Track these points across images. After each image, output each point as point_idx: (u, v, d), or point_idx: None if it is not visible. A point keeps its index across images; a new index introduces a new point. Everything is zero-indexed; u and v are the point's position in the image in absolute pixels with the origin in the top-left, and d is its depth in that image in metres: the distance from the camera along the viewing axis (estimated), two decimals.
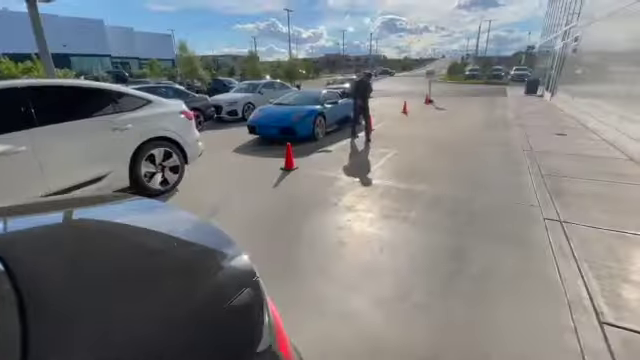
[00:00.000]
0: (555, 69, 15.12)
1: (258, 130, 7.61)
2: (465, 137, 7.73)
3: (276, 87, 13.23)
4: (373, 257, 2.84)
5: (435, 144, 7.06)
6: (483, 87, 26.75)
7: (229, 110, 11.02)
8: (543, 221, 3.41)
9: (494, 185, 4.49)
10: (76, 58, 43.17)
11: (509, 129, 8.57)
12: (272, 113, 7.73)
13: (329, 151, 6.77)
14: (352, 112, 9.41)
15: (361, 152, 6.64)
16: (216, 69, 46.69)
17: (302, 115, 7.39)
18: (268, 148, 7.18)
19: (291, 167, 5.46)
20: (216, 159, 6.34)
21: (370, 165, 5.69)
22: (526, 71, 36.21)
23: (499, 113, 11.70)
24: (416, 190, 4.35)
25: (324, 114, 7.93)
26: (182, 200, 4.30)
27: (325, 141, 7.70)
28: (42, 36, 8.37)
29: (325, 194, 4.32)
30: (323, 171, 5.34)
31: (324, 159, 6.16)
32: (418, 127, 9.29)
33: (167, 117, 4.49)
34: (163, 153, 4.41)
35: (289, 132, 7.28)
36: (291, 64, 22.03)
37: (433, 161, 5.78)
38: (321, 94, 8.58)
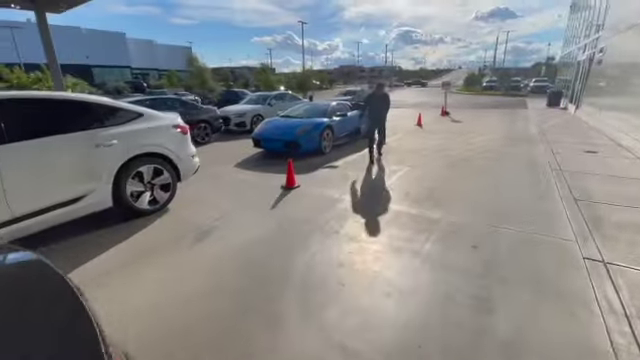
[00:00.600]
0: (579, 81, 14.33)
1: (263, 143, 7.27)
2: (485, 153, 7.16)
3: (287, 99, 13.00)
4: (377, 305, 2.36)
5: (452, 161, 6.52)
6: (502, 99, 25.92)
7: (237, 122, 10.79)
8: (583, 262, 2.85)
9: (521, 212, 3.93)
10: (98, 69, 44.73)
11: (533, 145, 7.93)
12: (277, 126, 7.39)
13: (335, 167, 6.33)
14: (362, 125, 9.02)
15: (370, 168, 6.17)
16: (233, 81, 47.43)
17: (308, 128, 7.01)
18: (272, 163, 6.81)
19: (292, 185, 5.05)
20: (216, 175, 6.00)
21: (379, 184, 5.21)
22: (546, 83, 35.12)
23: (521, 126, 11.03)
24: (430, 217, 3.84)
25: (332, 127, 7.53)
26: (170, 221, 3.93)
27: (332, 155, 7.28)
28: (51, 46, 8.38)
29: (326, 218, 3.86)
30: (326, 190, 4.90)
31: (329, 176, 5.72)
32: (433, 141, 8.76)
33: (158, 131, 4.17)
34: (152, 170, 4.08)
35: (294, 146, 6.90)
36: (304, 75, 21.91)
37: (450, 181, 5.25)
38: (329, 106, 8.21)
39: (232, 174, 6.04)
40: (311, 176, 5.72)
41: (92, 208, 3.54)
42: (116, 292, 2.58)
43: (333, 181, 5.40)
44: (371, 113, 6.59)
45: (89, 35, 45.81)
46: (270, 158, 7.24)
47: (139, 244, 3.36)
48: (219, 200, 4.64)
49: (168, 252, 3.18)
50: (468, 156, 6.90)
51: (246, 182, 5.52)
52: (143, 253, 3.16)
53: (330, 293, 2.49)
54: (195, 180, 5.32)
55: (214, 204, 4.48)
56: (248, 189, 5.12)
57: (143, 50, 55.23)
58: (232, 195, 4.85)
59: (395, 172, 5.79)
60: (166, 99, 8.99)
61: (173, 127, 4.39)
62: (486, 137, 9.17)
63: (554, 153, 6.88)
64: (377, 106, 6.54)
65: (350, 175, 5.72)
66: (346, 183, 5.27)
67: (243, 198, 4.69)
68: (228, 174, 6.04)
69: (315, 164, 6.54)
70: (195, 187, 5.21)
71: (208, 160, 7.12)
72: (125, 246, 3.32)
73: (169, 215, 4.13)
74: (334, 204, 4.33)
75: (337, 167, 6.29)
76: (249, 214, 4.09)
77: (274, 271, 2.79)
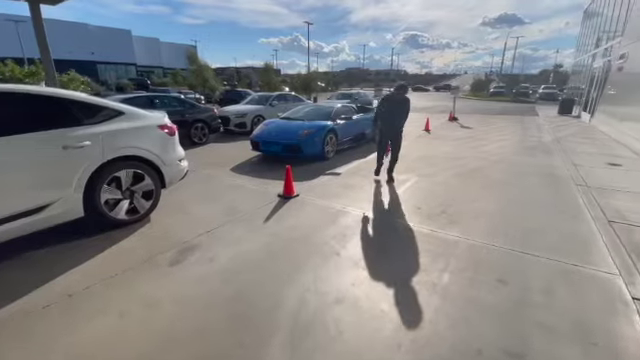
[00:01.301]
0: (594, 89, 13.76)
1: (261, 146, 6.81)
2: (499, 164, 6.65)
3: (289, 99, 12.56)
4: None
5: (463, 171, 6.02)
6: (510, 105, 25.36)
7: (237, 122, 10.36)
8: (633, 304, 2.35)
9: (549, 236, 3.43)
10: (102, 66, 44.64)
11: (550, 155, 7.42)
12: (277, 128, 6.93)
13: (338, 174, 5.86)
14: (367, 130, 8.55)
15: (376, 178, 5.68)
16: (238, 80, 47.15)
17: (310, 131, 6.55)
18: (271, 167, 6.35)
19: (290, 194, 4.58)
20: (208, 179, 5.54)
21: (387, 196, 4.73)
22: (555, 90, 34.53)
23: (534, 134, 10.50)
24: (446, 238, 3.35)
25: (336, 131, 7.07)
26: (149, 234, 3.47)
27: (335, 161, 6.81)
28: (44, 39, 8.00)
29: (326, 236, 3.39)
30: (327, 202, 4.43)
31: (331, 185, 5.24)
32: (442, 148, 8.27)
33: (140, 132, 3.72)
34: (132, 176, 3.63)
35: (295, 150, 6.44)
36: (309, 76, 21.46)
37: (464, 195, 4.76)
38: (334, 109, 7.75)
39: (226, 179, 5.58)
40: (311, 184, 5.25)
41: (58, 219, 3.09)
42: (59, 331, 2.12)
43: (335, 191, 4.92)
44: (385, 120, 5.25)
45: (95, 32, 45.77)
46: (269, 162, 6.78)
47: (108, 264, 2.90)
48: (208, 210, 4.17)
49: (138, 276, 2.71)
50: (481, 166, 6.40)
51: (240, 189, 5.05)
52: (109, 277, 2.69)
53: (324, 342, 2.01)
54: (185, 185, 4.87)
55: (202, 215, 4.02)
56: (242, 197, 4.65)
57: (149, 48, 55.18)
58: (223, 204, 4.38)
59: (404, 182, 5.31)
60: (163, 97, 8.57)
61: (158, 127, 3.94)
62: (498, 145, 8.66)
63: (575, 165, 6.37)
64: (393, 112, 5.21)
65: (354, 184, 5.24)
66: (349, 194, 4.79)
67: (235, 208, 4.22)
68: (222, 179, 5.58)
69: (316, 170, 6.07)
70: (184, 193, 4.76)
71: (202, 162, 6.69)
72: (91, 267, 2.86)
73: (150, 227, 3.67)
74: (336, 218, 3.85)
75: (340, 175, 5.82)
76: (239, 228, 3.62)
77: (259, 307, 2.32)
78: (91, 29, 45.54)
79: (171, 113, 8.34)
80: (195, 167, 6.24)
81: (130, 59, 49.61)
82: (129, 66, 49.63)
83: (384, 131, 5.37)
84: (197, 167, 6.28)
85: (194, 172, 5.90)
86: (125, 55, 48.56)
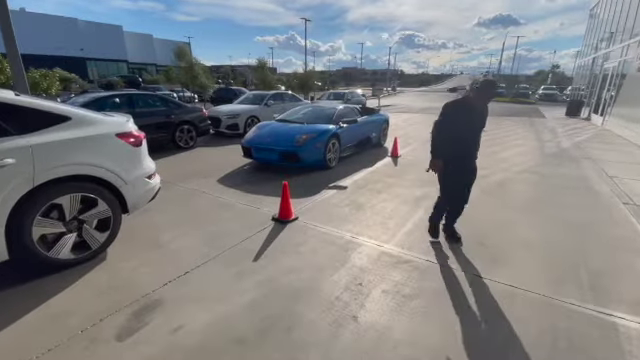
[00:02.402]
0: (608, 90, 13.09)
1: (254, 153, 5.94)
2: (524, 174, 5.86)
3: (286, 99, 11.68)
4: None
5: (487, 185, 5.22)
6: (512, 106, 24.70)
7: (229, 124, 9.46)
8: None
9: (628, 281, 2.62)
10: (92, 62, 43.25)
11: (577, 164, 6.65)
12: (272, 132, 6.06)
13: (343, 188, 5.01)
14: (373, 133, 7.73)
15: (388, 192, 4.85)
16: (233, 78, 46.08)
17: (311, 136, 5.70)
18: (265, 178, 5.49)
19: (287, 218, 3.73)
20: (190, 194, 4.67)
21: (405, 218, 3.89)
22: (555, 90, 34.03)
23: (549, 139, 9.75)
24: (495, 287, 2.53)
25: (339, 136, 6.22)
26: (97, 284, 2.60)
27: (339, 170, 5.97)
28: (10, 30, 7.04)
29: (336, 286, 2.55)
30: (334, 227, 3.59)
31: (336, 204, 4.40)
32: None
33: (92, 143, 2.85)
34: (80, 201, 2.76)
35: (292, 158, 5.59)
36: (306, 75, 20.57)
37: (497, 217, 3.95)
38: (336, 110, 6.90)
39: (211, 194, 4.71)
40: (312, 202, 4.40)
41: None
42: None
43: (342, 212, 4.07)
44: (460, 142, 3.16)
45: (85, 27, 44.35)
46: (263, 171, 5.92)
47: (21, 341, 2.04)
48: (185, 240, 3.31)
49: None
50: (506, 178, 5.60)
51: (227, 208, 4.19)
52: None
53: None
54: (160, 204, 4.00)
55: (175, 248, 3.15)
56: (229, 221, 3.79)
57: (141, 44, 53.76)
58: (205, 231, 3.52)
59: (421, 200, 4.48)
60: (144, 95, 7.65)
61: (117, 136, 3.06)
62: (516, 151, 7.88)
63: (611, 177, 5.60)
64: (474, 127, 3.19)
65: (363, 203, 4.40)
66: (359, 216, 3.95)
67: (219, 237, 3.36)
68: (206, 194, 4.71)
69: (317, 183, 5.23)
70: (157, 216, 3.89)
71: (185, 172, 5.81)
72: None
73: (101, 269, 2.80)
74: (346, 255, 3.02)
75: (346, 189, 4.98)
76: (221, 272, 2.76)
77: None
78: (80, 24, 44.11)
79: (153, 114, 7.44)
80: (176, 179, 5.37)
81: (121, 56, 48.19)
82: (120, 63, 48.23)
83: (457, 162, 3.12)
84: (179, 178, 5.41)
85: (174, 186, 5.03)
86: (116, 51, 47.15)
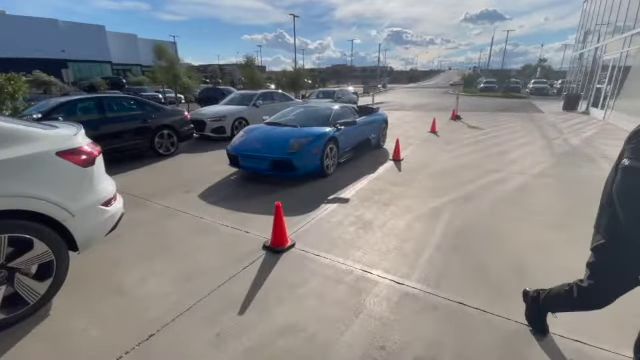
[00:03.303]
0: (608, 82, 12.72)
1: (241, 161, 5.25)
2: (542, 178, 5.30)
3: (276, 99, 10.96)
4: None
5: (507, 193, 4.64)
6: (506, 101, 24.38)
7: (214, 127, 8.72)
8: None
9: None
10: (74, 64, 41.67)
11: (594, 164, 6.13)
12: (262, 137, 5.37)
13: (345, 200, 4.36)
14: (372, 134, 7.10)
15: (396, 205, 4.22)
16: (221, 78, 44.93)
17: (306, 141, 5.03)
18: (254, 190, 4.81)
19: (282, 246, 3.07)
20: (165, 218, 3.96)
21: (421, 240, 3.26)
22: (546, 84, 33.95)
23: (556, 136, 9.25)
24: (566, 346, 1.91)
25: (337, 139, 5.57)
26: (33, 356, 1.90)
27: (338, 178, 5.32)
28: None
29: (350, 353, 1.90)
30: (339, 255, 2.95)
31: (338, 220, 3.75)
32: (461, 155, 6.89)
33: (19, 168, 2.13)
34: (8, 243, 2.05)
35: (285, 167, 4.92)
36: (296, 73, 19.78)
37: (532, 238, 3.36)
38: (333, 111, 6.24)
39: (191, 214, 4.01)
40: (311, 221, 3.74)
41: None
42: None
43: (347, 233, 3.42)
44: None
45: (66, 28, 42.63)
46: (252, 182, 5.24)
47: None
48: (150, 285, 2.61)
49: None
50: (524, 184, 5.03)
51: (209, 233, 3.50)
52: None
53: None
54: (127, 229, 3.31)
55: (137, 298, 2.46)
56: (208, 252, 3.10)
57: (126, 45, 52.09)
58: (178, 268, 2.83)
59: (438, 213, 3.86)
60: (116, 98, 6.87)
61: (59, 155, 2.35)
62: (525, 151, 7.34)
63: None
64: None
65: (371, 219, 3.75)
66: (369, 237, 3.31)
67: (195, 278, 2.68)
68: (184, 215, 4.00)
69: (315, 194, 4.57)
70: (122, 247, 3.18)
71: (163, 185, 5.09)
72: None
73: (39, 334, 2.10)
74: (360, 300, 2.36)
75: (348, 201, 4.33)
76: (192, 336, 2.08)
77: None
78: (61, 25, 42.38)
79: (127, 119, 6.53)
80: (151, 194, 4.65)
81: (105, 56, 46.55)
82: (104, 64, 46.59)
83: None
84: (154, 194, 4.69)
85: (147, 204, 4.31)
86: (99, 52, 45.51)
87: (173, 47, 57.32)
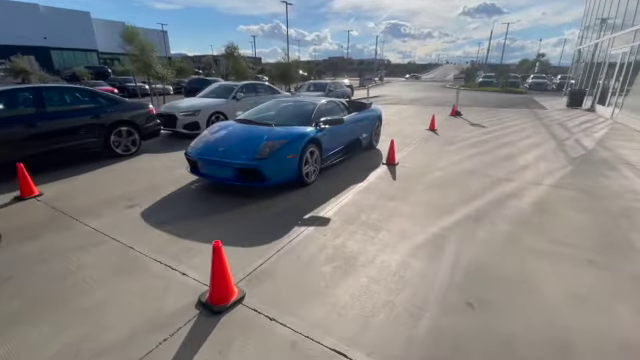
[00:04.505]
0: (617, 79, 11.88)
1: (201, 168, 4.31)
2: (565, 191, 4.45)
3: (260, 91, 9.95)
4: None
5: (524, 212, 3.78)
6: (506, 96, 23.54)
7: (187, 122, 7.73)
8: None
9: None
10: (57, 52, 39.93)
11: (616, 171, 5.30)
12: (228, 138, 4.43)
13: (325, 221, 3.46)
14: (364, 134, 6.19)
15: (389, 228, 3.33)
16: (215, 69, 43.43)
17: (280, 144, 4.10)
18: (215, 204, 3.89)
19: (224, 302, 2.17)
20: (80, 250, 3.02)
21: (422, 292, 2.38)
22: (545, 79, 33.17)
23: (566, 137, 8.40)
24: None
25: (319, 141, 4.66)
26: None
27: (320, 188, 4.42)
28: None
29: None
30: (306, 317, 2.06)
31: (311, 254, 2.85)
32: (465, 159, 6.01)
33: None
34: None
35: (253, 176, 3.99)
36: (286, 64, 18.60)
37: (566, 282, 2.50)
38: (316, 106, 5.30)
39: (119, 242, 3.07)
40: (274, 255, 2.83)
41: None
42: None
43: (320, 278, 2.53)
44: None
45: (48, 13, 40.66)
46: (215, 192, 4.31)
47: None
48: None
49: None
50: (540, 197, 4.17)
51: (131, 276, 2.58)
52: None
53: None
54: (26, 264, 2.37)
55: None
56: (118, 312, 2.18)
57: (113, 33, 50.01)
58: (60, 344, 1.91)
59: (442, 242, 2.98)
60: (62, 89, 5.85)
61: None
62: (535, 154, 6.48)
63: None
64: None
65: (354, 252, 2.86)
66: (349, 285, 2.41)
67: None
68: (110, 243, 3.07)
69: (287, 212, 3.67)
70: (2, 296, 2.25)
71: (104, 196, 4.15)
72: None
73: None
74: None
75: (328, 222, 3.43)
76: None
77: None
78: (43, 11, 40.41)
79: (73, 114, 5.41)
80: (85, 210, 3.72)
81: (90, 45, 44.66)
82: (90, 52, 44.73)
83: None
84: (88, 210, 3.75)
85: (74, 224, 3.38)
86: (84, 40, 43.61)
87: (163, 36, 55.53)
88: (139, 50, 10.39)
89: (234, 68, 14.86)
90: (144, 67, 10.46)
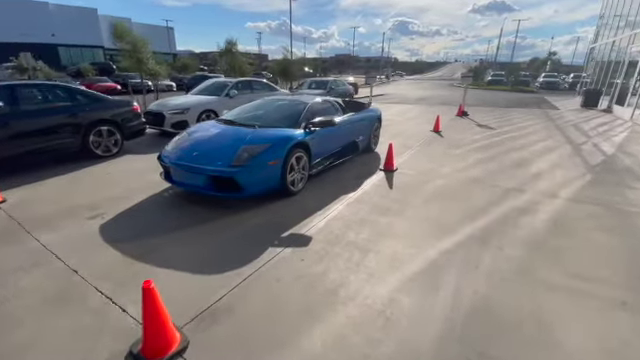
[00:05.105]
0: (638, 78, 11.17)
1: (173, 174, 3.88)
2: (585, 206, 3.92)
3: (256, 88, 9.51)
4: None
5: (531, 227, 3.28)
6: (515, 95, 22.73)
7: (175, 121, 7.34)
8: None
9: None
10: (64, 49, 40.03)
11: None
12: (204, 141, 3.98)
13: (305, 240, 3.00)
14: (360, 137, 5.72)
15: (378, 251, 2.87)
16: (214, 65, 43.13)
17: (260, 149, 3.66)
18: (192, 217, 3.46)
19: (162, 356, 1.72)
20: (20, 269, 2.60)
21: (412, 348, 1.91)
22: (557, 78, 32.13)
23: (583, 140, 7.80)
24: None
25: (307, 145, 4.19)
26: None
27: (306, 198, 3.96)
28: None
29: None
30: None
31: (284, 285, 2.39)
32: (470, 166, 5.49)
33: None
34: None
35: (227, 186, 3.54)
36: (287, 61, 18.04)
37: (599, 335, 2.01)
38: (307, 106, 4.82)
39: (64, 263, 2.66)
40: (239, 285, 2.38)
41: None
42: None
43: (290, 320, 2.08)
44: None
45: (56, 10, 40.79)
46: (191, 201, 3.88)
47: None
48: None
49: None
50: (558, 213, 3.65)
51: (63, 309, 2.16)
52: None
53: None
54: None
55: None
56: None
57: None
58: None
59: (440, 272, 2.50)
60: (39, 86, 5.48)
61: None
62: (549, 159, 5.93)
63: None
64: None
65: (334, 282, 2.40)
66: (323, 332, 1.96)
67: None
68: (54, 263, 2.66)
69: (264, 227, 3.22)
70: None
71: (67, 203, 3.76)
72: None
73: None
74: None
75: (309, 242, 2.97)
76: None
77: None
78: (51, 8, 40.53)
79: (48, 112, 5.03)
80: (43, 219, 3.33)
81: (97, 41, 44.69)
82: (96, 49, 44.82)
83: None
84: (47, 219, 3.35)
85: (24, 237, 2.99)
86: (91, 37, 43.67)
87: (168, 33, 55.38)
88: (131, 46, 10.00)
89: (231, 64, 14.41)
90: (136, 63, 10.09)
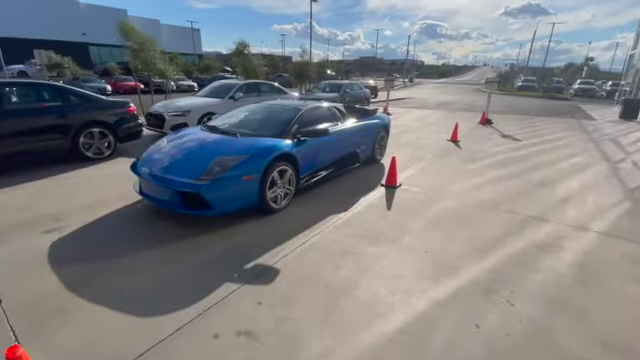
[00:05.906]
0: None
1: (142, 186, 3.51)
2: (622, 243, 3.22)
3: (263, 91, 9.17)
4: None
5: (554, 276, 2.65)
6: (546, 102, 21.31)
7: (176, 124, 7.07)
8: None
9: None
10: (94, 48, 41.63)
11: None
12: (178, 150, 3.60)
13: (270, 275, 2.53)
14: (362, 147, 5.19)
15: (355, 298, 2.35)
16: None
17: (234, 162, 3.22)
18: (162, 233, 3.08)
19: None
20: None
21: None
22: (593, 85, 30.01)
23: (620, 158, 6.89)
24: None
25: (294, 157, 3.72)
26: None
27: (287, 218, 3.49)
28: None
29: None
30: None
31: (212, 355, 1.93)
32: (486, 186, 4.84)
33: None
34: None
35: (195, 202, 3.12)
36: (303, 63, 17.62)
37: None
38: (299, 112, 4.34)
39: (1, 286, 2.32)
40: (165, 338, 1.94)
41: None
42: None
43: None
44: None
45: (87, 10, 42.62)
46: (164, 215, 3.50)
47: None
48: None
49: None
50: (588, 252, 2.98)
51: None
52: None
53: None
54: None
55: None
56: None
57: (148, 30, 51.43)
58: None
59: (428, 332, 1.95)
60: (26, 85, 5.33)
61: None
62: (581, 180, 5.16)
63: None
64: None
65: (291, 346, 1.91)
66: None
67: None
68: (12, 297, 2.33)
69: (228, 255, 2.77)
70: None
71: (29, 213, 3.48)
72: None
73: None
74: None
75: (273, 280, 2.48)
76: None
77: None
78: (82, 7, 42.40)
79: (35, 112, 4.86)
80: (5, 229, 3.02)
81: None
82: (124, 49, 46.31)
83: None
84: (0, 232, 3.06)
85: None
86: (119, 36, 45.30)
87: (193, 34, 56.57)
88: (138, 46, 9.92)
89: (243, 66, 14.18)
90: (143, 63, 10.00)
